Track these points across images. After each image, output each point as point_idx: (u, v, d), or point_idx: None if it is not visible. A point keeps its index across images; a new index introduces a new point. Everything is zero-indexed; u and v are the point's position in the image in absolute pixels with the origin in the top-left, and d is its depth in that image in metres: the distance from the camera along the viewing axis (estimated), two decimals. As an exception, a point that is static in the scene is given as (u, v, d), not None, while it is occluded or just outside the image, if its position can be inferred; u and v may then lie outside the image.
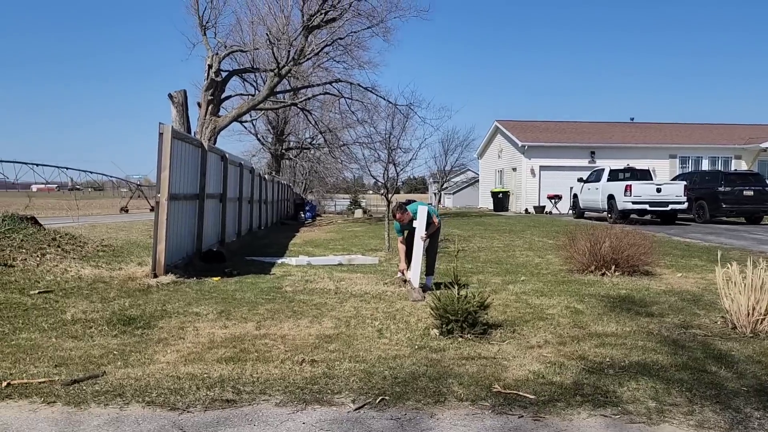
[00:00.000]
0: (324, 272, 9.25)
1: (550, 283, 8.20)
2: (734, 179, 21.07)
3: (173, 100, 17.30)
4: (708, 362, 4.48)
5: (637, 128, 33.65)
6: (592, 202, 22.11)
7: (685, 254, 11.42)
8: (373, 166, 13.52)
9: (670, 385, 3.94)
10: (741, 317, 5.48)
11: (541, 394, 3.77)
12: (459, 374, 4.15)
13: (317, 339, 5.18)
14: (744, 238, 14.89)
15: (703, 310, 6.45)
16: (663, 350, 4.81)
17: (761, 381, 4.07)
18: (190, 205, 9.50)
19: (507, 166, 32.62)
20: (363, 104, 21.70)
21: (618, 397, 3.74)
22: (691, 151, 29.87)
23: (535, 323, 5.81)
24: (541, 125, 33.15)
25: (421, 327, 5.61)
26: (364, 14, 19.54)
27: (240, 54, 20.77)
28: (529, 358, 4.58)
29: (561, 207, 28.25)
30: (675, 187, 19.95)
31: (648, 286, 8.00)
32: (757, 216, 20.86)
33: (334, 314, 6.23)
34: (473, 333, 5.22)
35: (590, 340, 5.16)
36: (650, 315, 6.22)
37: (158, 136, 7.97)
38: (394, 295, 7.31)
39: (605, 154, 28.58)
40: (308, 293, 7.46)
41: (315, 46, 19.28)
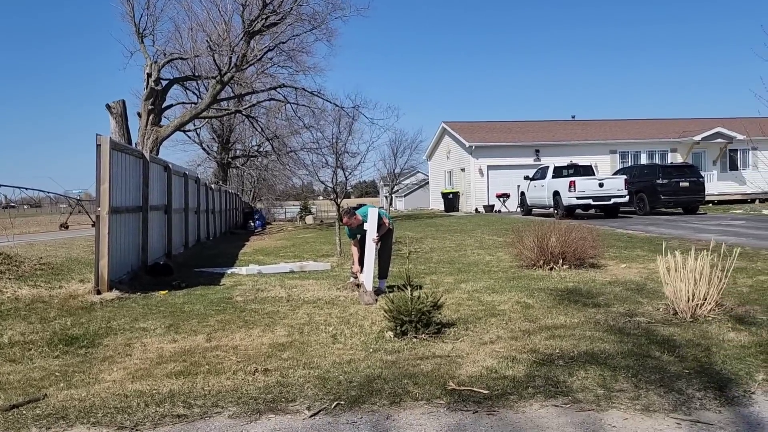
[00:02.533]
0: (275, 280, 9.14)
1: (501, 280, 8.33)
2: (671, 172, 21.95)
3: (111, 111, 16.79)
4: (652, 348, 4.63)
5: (578, 125, 34.64)
6: (539, 199, 22.62)
7: (627, 245, 11.80)
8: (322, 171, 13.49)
9: (616, 371, 4.06)
10: (681, 304, 5.69)
11: (495, 388, 3.82)
12: (414, 374, 4.16)
13: (270, 348, 5.11)
14: (682, 227, 15.51)
15: (646, 298, 6.67)
16: (609, 339, 4.95)
17: (701, 363, 4.23)
18: (133, 218, 9.23)
19: (456, 166, 33.04)
20: (309, 109, 21.61)
21: (568, 386, 3.82)
22: (630, 146, 30.94)
23: (487, 320, 5.88)
24: (488, 125, 33.73)
25: (375, 330, 5.60)
26: (305, 17, 19.47)
27: (180, 62, 20.37)
28: (482, 354, 4.63)
29: (509, 205, 28.80)
30: (616, 181, 20.62)
31: (594, 277, 8.23)
32: (693, 206, 21.78)
33: (286, 322, 6.15)
34: (427, 333, 5.25)
35: (541, 333, 5.26)
36: (597, 305, 6.39)
37: (96, 148, 7.71)
38: (347, 300, 7.28)
39: (549, 152, 29.29)
40: (260, 302, 7.36)
41: (258, 51, 19.07)
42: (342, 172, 12.23)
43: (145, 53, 18.44)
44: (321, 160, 13.50)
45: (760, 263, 9.00)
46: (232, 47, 17.60)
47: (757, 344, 4.67)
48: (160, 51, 19.25)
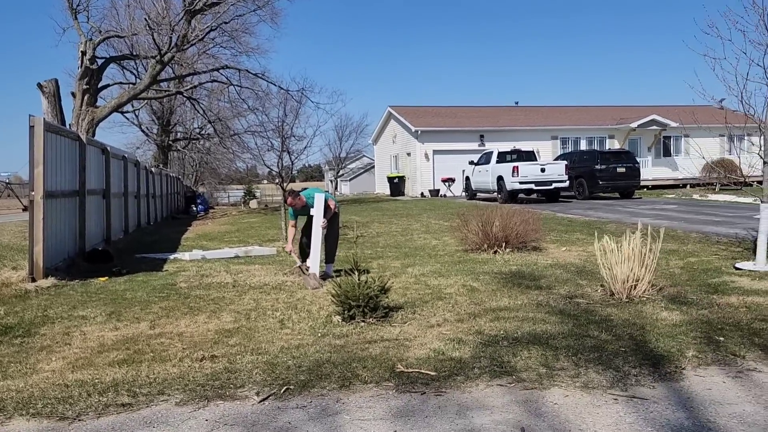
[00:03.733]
0: (220, 266, 9.00)
1: (447, 264, 8.46)
2: (609, 157, 22.71)
3: (44, 91, 16.01)
4: (590, 328, 4.82)
5: (521, 112, 35.32)
6: (483, 184, 23.02)
7: (568, 229, 12.19)
8: (267, 155, 13.27)
9: (558, 351, 4.21)
10: (617, 285, 5.94)
11: (442, 370, 3.90)
12: (363, 358, 4.20)
13: (217, 334, 5.05)
14: (619, 211, 16.11)
15: (585, 280, 6.93)
16: (551, 320, 5.12)
17: (636, 341, 4.44)
18: (69, 203, 8.88)
19: (402, 151, 33.17)
20: (253, 91, 21.20)
21: (512, 366, 3.94)
22: (571, 132, 31.80)
23: (434, 303, 5.98)
24: (434, 110, 33.96)
25: (323, 315, 5.61)
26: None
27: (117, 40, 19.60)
28: (429, 337, 4.71)
29: (455, 189, 29.17)
30: (557, 166, 21.20)
31: (536, 260, 8.47)
32: (629, 191, 22.65)
33: (233, 308, 6.08)
34: (375, 317, 5.30)
35: (486, 315, 5.39)
36: (539, 288, 6.59)
37: (29, 130, 7.36)
38: (294, 285, 7.25)
39: (494, 137, 29.77)
40: (205, 288, 7.24)
41: (199, 31, 18.52)
42: (288, 156, 12.09)
43: (79, 30, 17.64)
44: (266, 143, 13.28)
45: (690, 245, 9.47)
46: (172, 26, 17.03)
47: (687, 323, 4.93)
48: (95, 28, 18.47)
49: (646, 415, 3.17)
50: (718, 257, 8.34)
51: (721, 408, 3.24)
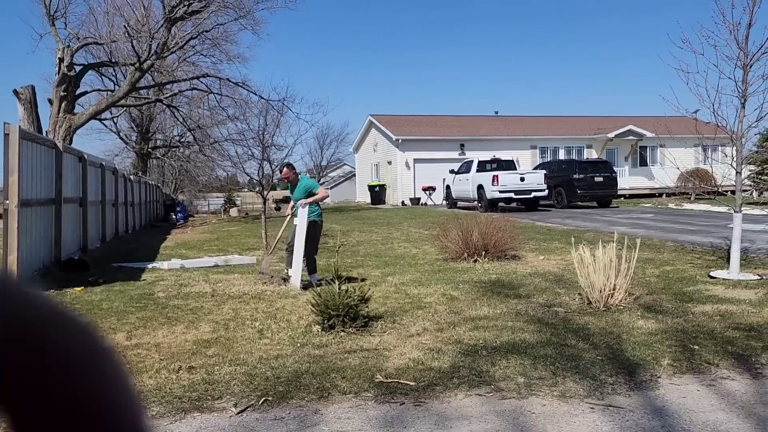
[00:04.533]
0: (199, 275, 8.92)
1: (427, 273, 8.49)
2: (587, 167, 23.00)
3: (20, 97, 15.79)
4: (568, 337, 4.87)
5: (501, 121, 35.62)
6: (464, 193, 23.15)
7: (547, 238, 12.29)
8: (247, 163, 13.22)
9: (536, 360, 4.25)
10: (595, 293, 6.01)
11: (421, 380, 3.91)
12: (342, 368, 4.19)
13: (195, 345, 5.00)
14: (596, 220, 16.31)
15: (563, 288, 6.99)
16: (530, 329, 5.16)
17: (613, 350, 4.49)
18: (45, 211, 8.75)
19: (383, 159, 33.24)
20: (234, 100, 21.10)
21: (491, 376, 3.96)
22: (550, 141, 32.15)
23: (414, 312, 5.99)
24: (414, 119, 34.11)
25: (302, 324, 5.59)
26: (230, 6, 18.96)
27: (95, 47, 19.39)
28: (409, 347, 4.72)
29: (435, 198, 29.28)
30: (536, 176, 21.40)
31: (515, 269, 8.53)
32: (607, 200, 22.94)
33: (211, 318, 6.03)
34: (355, 326, 5.29)
35: (465, 324, 5.42)
36: (518, 296, 6.64)
37: (3, 138, 7.25)
38: (273, 295, 7.21)
39: (474, 146, 29.98)
40: (183, 298, 7.17)
41: (179, 39, 18.43)
42: (268, 164, 12.05)
43: (57, 37, 17.44)
44: (246, 152, 13.23)
45: (666, 254, 9.61)
46: (151, 34, 16.93)
47: (663, 331, 5.00)
48: (73, 35, 18.28)
49: (622, 423, 3.21)
50: (693, 266, 8.48)
51: (695, 416, 3.30)
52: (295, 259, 7.52)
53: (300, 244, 7.53)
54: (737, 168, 7.82)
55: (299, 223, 7.58)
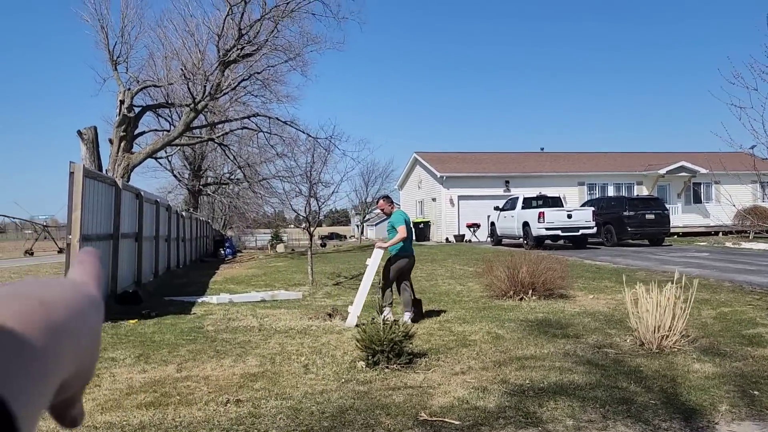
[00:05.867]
0: (247, 309, 9.07)
1: (471, 310, 8.40)
2: (637, 204, 22.47)
3: (83, 137, 16.63)
4: (619, 379, 4.73)
5: (547, 157, 35.33)
6: (509, 230, 22.91)
7: (596, 276, 12.02)
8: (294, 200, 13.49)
9: (585, 402, 4.14)
10: (648, 335, 5.83)
11: (466, 419, 3.86)
12: (386, 405, 4.18)
13: (242, 378, 5.07)
14: (648, 259, 15.85)
15: (614, 329, 6.81)
16: (579, 369, 5.04)
17: (667, 393, 4.34)
18: (103, 246, 9.11)
19: (427, 196, 33.32)
20: (282, 138, 21.66)
21: (538, 417, 3.88)
22: (598, 178, 31.63)
23: (458, 350, 5.94)
24: (458, 156, 34.20)
25: (347, 360, 5.61)
26: (280, 48, 19.65)
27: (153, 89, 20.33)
28: (453, 385, 4.67)
29: (480, 235, 29.08)
30: (584, 212, 21.02)
31: (563, 308, 8.36)
32: (658, 238, 22.29)
33: (258, 352, 6.11)
34: (399, 363, 5.28)
35: (511, 363, 5.33)
36: (566, 336, 6.50)
37: (69, 176, 7.64)
38: (319, 330, 7.27)
39: (519, 183, 29.77)
40: (231, 332, 7.29)
41: (232, 80, 19.15)
42: (315, 201, 12.26)
43: (119, 80, 18.38)
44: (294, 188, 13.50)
45: (723, 295, 9.26)
46: (206, 76, 17.67)
47: (720, 375, 4.80)
48: (134, 78, 19.22)
49: (677, 470, 3.08)
50: (753, 307, 8.13)
51: (756, 465, 3.14)
52: (359, 296, 7.49)
53: (366, 282, 7.51)
54: (796, 205, 7.55)
55: (371, 263, 7.58)
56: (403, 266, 7.63)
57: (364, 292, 7.52)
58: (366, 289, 7.52)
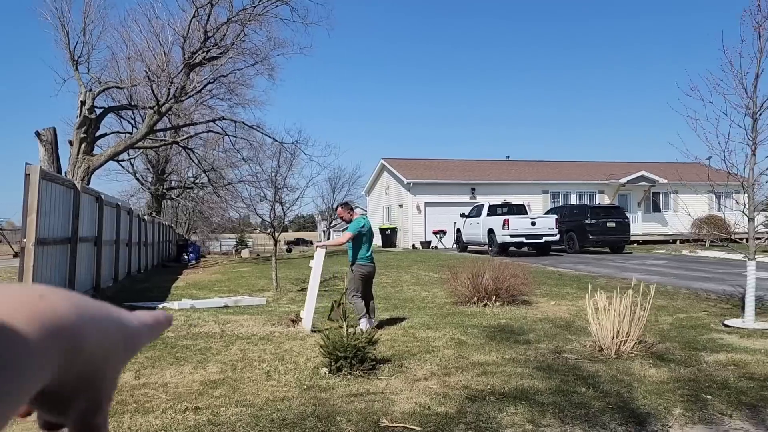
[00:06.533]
0: (209, 315, 8.93)
1: (435, 316, 8.44)
2: (599, 212, 22.93)
3: (41, 139, 16.17)
4: (578, 384, 4.81)
5: (512, 166, 35.82)
6: (474, 236, 23.12)
7: (558, 283, 12.21)
8: (259, 205, 13.36)
9: (544, 407, 4.19)
10: (606, 341, 5.94)
11: (427, 425, 3.87)
12: (347, 411, 4.16)
13: (201, 385, 4.99)
14: (609, 266, 16.18)
15: (574, 335, 6.92)
16: (538, 375, 5.10)
17: (624, 398, 4.42)
18: (60, 250, 8.87)
19: (394, 202, 33.41)
20: (248, 142, 21.45)
21: (498, 422, 3.91)
22: (561, 186, 32.19)
23: (421, 356, 5.95)
24: (426, 163, 34.39)
25: (310, 366, 5.57)
26: (247, 52, 19.47)
27: (116, 90, 19.91)
28: (415, 391, 4.68)
29: (446, 241, 29.26)
30: (548, 220, 21.35)
31: (526, 314, 8.46)
32: (619, 245, 22.78)
33: (219, 358, 6.03)
34: (362, 369, 5.26)
35: (473, 369, 5.37)
36: (527, 342, 6.58)
37: (24, 177, 7.42)
38: (282, 336, 7.20)
39: (485, 190, 30.09)
40: (192, 338, 7.17)
41: (197, 83, 18.88)
42: (280, 206, 12.17)
43: (80, 80, 17.95)
44: (259, 193, 13.38)
45: (679, 301, 9.50)
46: (171, 78, 17.38)
47: (675, 380, 4.92)
48: (95, 78, 18.80)
49: (632, 473, 3.14)
50: (707, 314, 8.37)
51: (707, 467, 3.22)
52: (309, 300, 7.50)
53: (313, 285, 7.54)
54: (750, 215, 7.80)
55: (314, 265, 7.62)
56: (364, 274, 7.60)
57: (314, 295, 7.52)
58: (314, 291, 7.52)
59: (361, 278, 7.51)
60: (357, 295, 7.50)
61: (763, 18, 7.35)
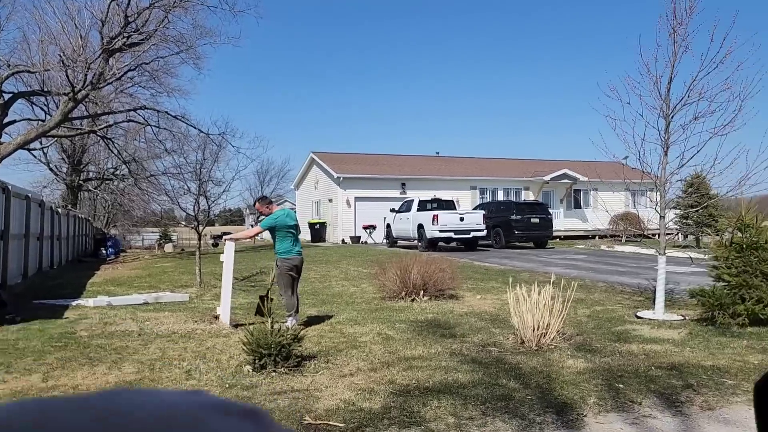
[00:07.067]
0: (126, 313, 8.55)
1: (363, 312, 8.42)
2: (524, 208, 23.62)
3: (-58, 124, 15.01)
4: (500, 376, 4.90)
5: (442, 162, 36.32)
6: (404, 231, 23.29)
7: (484, 277, 12.47)
8: (183, 198, 12.92)
9: (467, 400, 4.24)
10: (528, 333, 6.10)
11: (351, 421, 3.83)
12: (270, 410, 4.06)
13: (116, 387, 4.75)
14: (532, 260, 16.69)
15: (498, 328, 7.07)
16: (463, 368, 5.17)
17: (543, 389, 4.54)
18: (-39, 244, 8.25)
19: (323, 197, 33.19)
20: (172, 133, 20.67)
21: (422, 416, 3.93)
22: (489, 183, 32.94)
23: (348, 352, 5.91)
24: (356, 157, 34.35)
25: (233, 364, 5.42)
26: (171, 40, 18.75)
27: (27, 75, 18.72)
28: (341, 387, 4.64)
29: (376, 236, 29.34)
30: (475, 216, 21.78)
31: (452, 308, 8.58)
32: (543, 241, 23.55)
33: (136, 358, 5.77)
34: (287, 366, 5.17)
35: (399, 364, 5.38)
36: (453, 336, 6.66)
37: None
38: (204, 333, 6.98)
39: (415, 186, 30.37)
40: (107, 337, 6.84)
41: (117, 70, 18.01)
42: (205, 199, 11.81)
43: (-14, 63, 16.78)
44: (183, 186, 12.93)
45: (596, 294, 9.90)
46: (88, 64, 16.48)
47: (590, 370, 5.10)
48: (4, 62, 17.62)
49: (549, 463, 3.22)
50: (622, 306, 8.75)
51: (619, 454, 3.35)
52: (224, 295, 7.33)
53: (226, 279, 7.39)
54: (661, 212, 8.20)
55: (225, 258, 7.50)
56: (290, 268, 7.46)
57: (228, 289, 7.40)
58: (228, 285, 7.41)
59: (287, 272, 7.38)
60: (287, 291, 7.37)
61: (677, 24, 7.73)
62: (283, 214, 7.60)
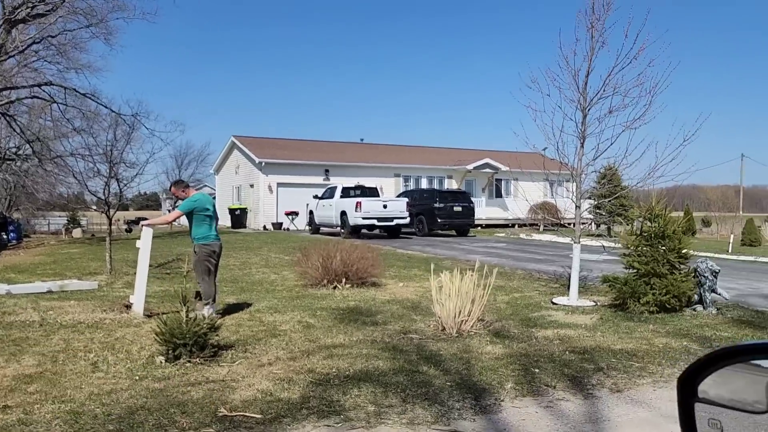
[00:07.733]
0: (27, 302, 7.99)
1: (284, 299, 8.27)
2: (447, 197, 23.98)
3: None
4: (420, 363, 4.91)
5: (366, 148, 36.29)
6: (327, 218, 23.13)
7: (407, 265, 12.55)
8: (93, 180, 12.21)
9: (387, 388, 4.21)
10: (449, 320, 6.16)
11: (268, 412, 3.72)
12: (183, 402, 3.88)
13: (14, 381, 4.41)
14: (455, 248, 16.98)
15: (420, 315, 7.11)
16: (384, 356, 5.15)
17: (462, 375, 4.59)
18: None
19: (245, 182, 32.43)
20: (81, 112, 19.49)
21: (341, 405, 3.86)
22: (413, 170, 33.22)
23: (267, 341, 5.77)
24: (279, 142, 33.73)
25: (144, 355, 5.16)
26: (81, 12, 17.63)
27: None
28: (258, 377, 4.50)
29: (298, 223, 29.00)
30: (399, 203, 21.92)
31: (374, 296, 8.56)
32: (465, 229, 24.03)
33: (37, 350, 5.39)
34: (203, 356, 4.97)
35: (320, 352, 5.29)
36: (375, 324, 6.64)
37: None
38: (114, 323, 6.62)
39: (339, 172, 30.18)
40: (5, 327, 6.35)
41: (20, 42, 16.78)
42: (116, 182, 11.21)
43: None
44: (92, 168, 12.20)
45: (515, 282, 10.17)
46: (-13, 34, 15.27)
47: (508, 356, 5.21)
48: None
49: (467, 449, 3.24)
50: (539, 293, 9.03)
51: (534, 438, 3.41)
52: (138, 284, 6.98)
53: (142, 267, 7.03)
54: (576, 202, 8.49)
55: (141, 245, 7.12)
56: (208, 253, 7.17)
57: (143, 277, 7.06)
58: (143, 273, 7.05)
59: (206, 258, 7.10)
60: (205, 278, 7.09)
61: (595, 19, 7.97)
62: (200, 197, 7.31)
